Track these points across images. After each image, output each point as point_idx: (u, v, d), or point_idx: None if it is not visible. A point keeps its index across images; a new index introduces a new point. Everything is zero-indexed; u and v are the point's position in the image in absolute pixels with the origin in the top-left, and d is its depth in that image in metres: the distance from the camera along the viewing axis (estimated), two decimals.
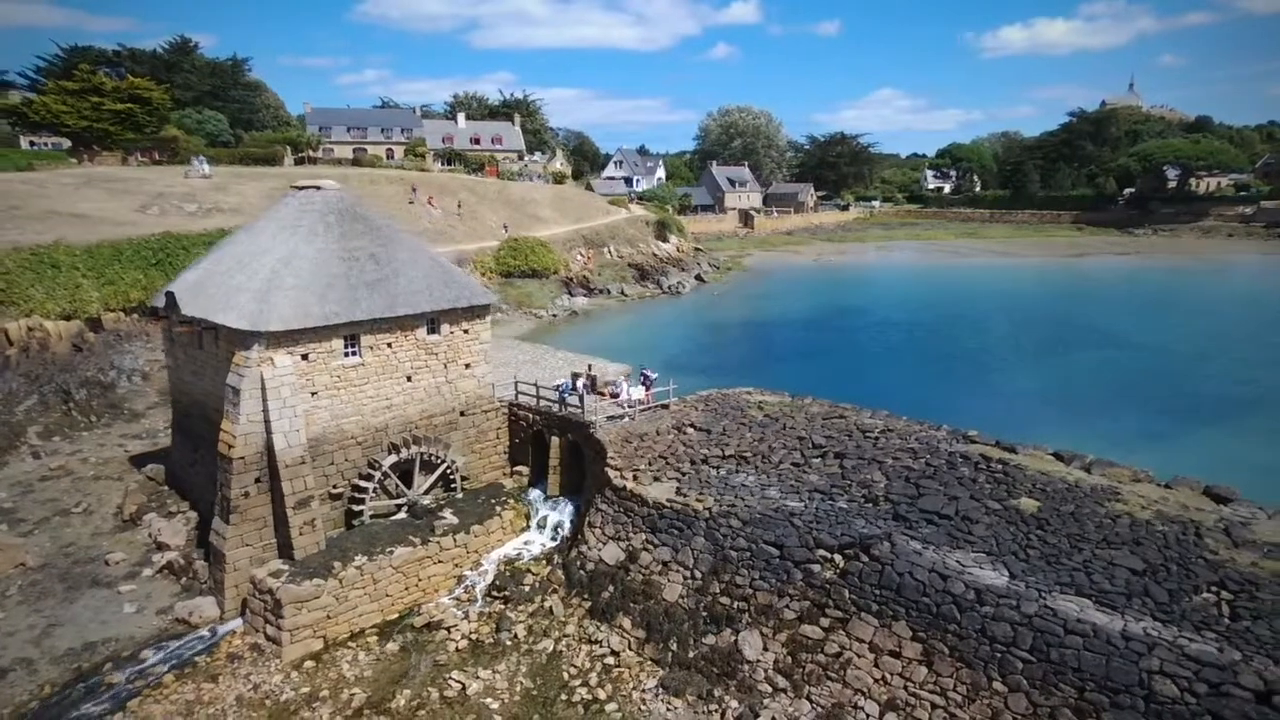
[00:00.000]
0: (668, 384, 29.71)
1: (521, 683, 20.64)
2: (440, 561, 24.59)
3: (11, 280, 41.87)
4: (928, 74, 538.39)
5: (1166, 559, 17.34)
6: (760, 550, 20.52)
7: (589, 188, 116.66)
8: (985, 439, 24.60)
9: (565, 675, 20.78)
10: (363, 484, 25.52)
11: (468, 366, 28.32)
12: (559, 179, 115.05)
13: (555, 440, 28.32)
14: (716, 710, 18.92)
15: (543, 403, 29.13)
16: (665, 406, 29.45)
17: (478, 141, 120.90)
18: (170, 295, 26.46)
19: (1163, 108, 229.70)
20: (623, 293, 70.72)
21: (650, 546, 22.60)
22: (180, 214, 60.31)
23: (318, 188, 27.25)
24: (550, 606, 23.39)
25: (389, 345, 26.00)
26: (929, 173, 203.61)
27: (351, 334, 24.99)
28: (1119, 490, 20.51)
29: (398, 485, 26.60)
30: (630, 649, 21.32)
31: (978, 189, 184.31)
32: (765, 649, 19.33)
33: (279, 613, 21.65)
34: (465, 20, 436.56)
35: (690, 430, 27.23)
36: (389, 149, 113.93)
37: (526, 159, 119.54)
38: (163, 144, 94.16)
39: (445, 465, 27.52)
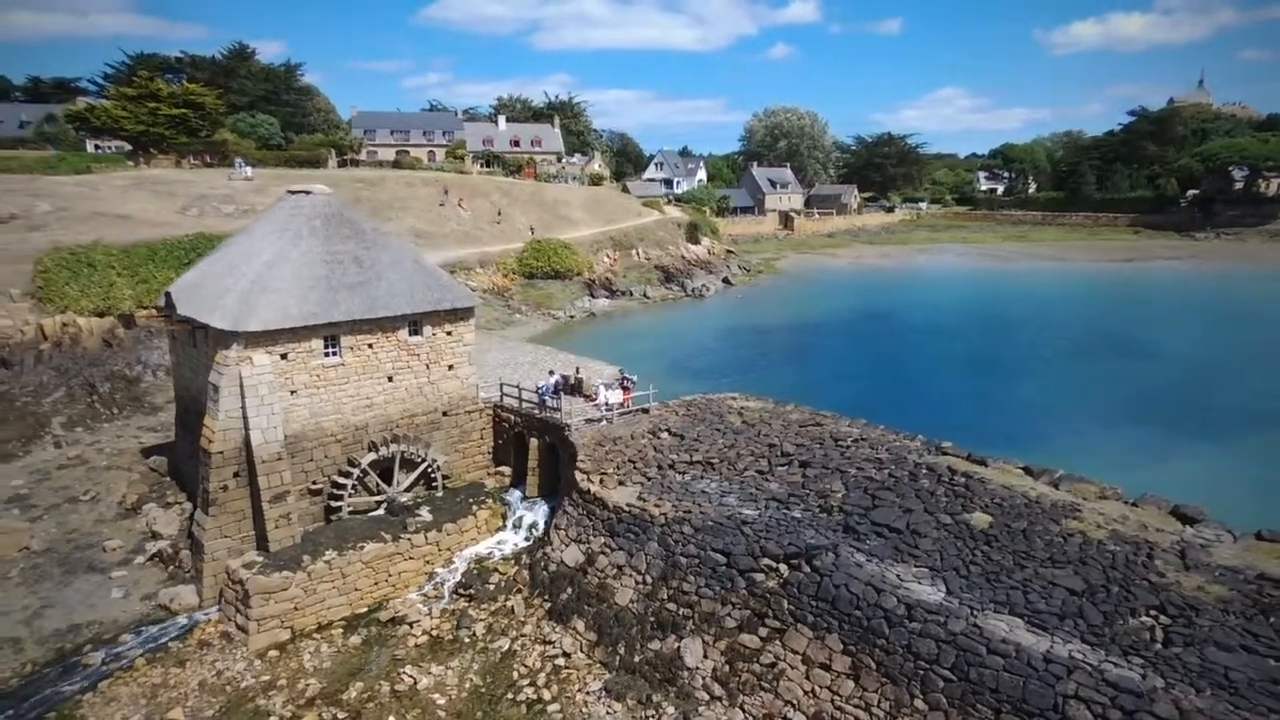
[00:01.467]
0: (648, 388, 29.78)
1: (472, 680, 21.03)
2: (411, 558, 25.17)
3: (49, 279, 44.20)
4: (992, 72, 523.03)
5: (1109, 580, 16.79)
6: (708, 558, 20.52)
7: (625, 190, 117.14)
8: (957, 451, 24.08)
9: (515, 674, 21.10)
10: (341, 480, 26.29)
11: (451, 368, 28.90)
12: (596, 181, 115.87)
13: (534, 442, 28.70)
14: (654, 716, 18.99)
15: (525, 405, 29.54)
16: (645, 411, 29.55)
17: (517, 144, 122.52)
18: (168, 295, 27.69)
19: (1234, 105, 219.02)
20: (645, 295, 70.90)
21: (608, 550, 22.79)
22: (218, 215, 62.57)
23: (308, 192, 28.14)
24: (512, 606, 23.76)
25: (369, 346, 26.73)
26: (981, 174, 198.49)
27: (331, 334, 25.77)
28: (1080, 507, 19.89)
29: (377, 483, 27.31)
30: (581, 651, 21.53)
31: (1032, 190, 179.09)
32: (705, 656, 19.33)
33: (247, 603, 22.50)
34: (527, 22, 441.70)
35: (665, 435, 27.29)
36: (431, 151, 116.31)
37: (564, 161, 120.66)
38: (214, 147, 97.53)
39: (426, 464, 28.14)
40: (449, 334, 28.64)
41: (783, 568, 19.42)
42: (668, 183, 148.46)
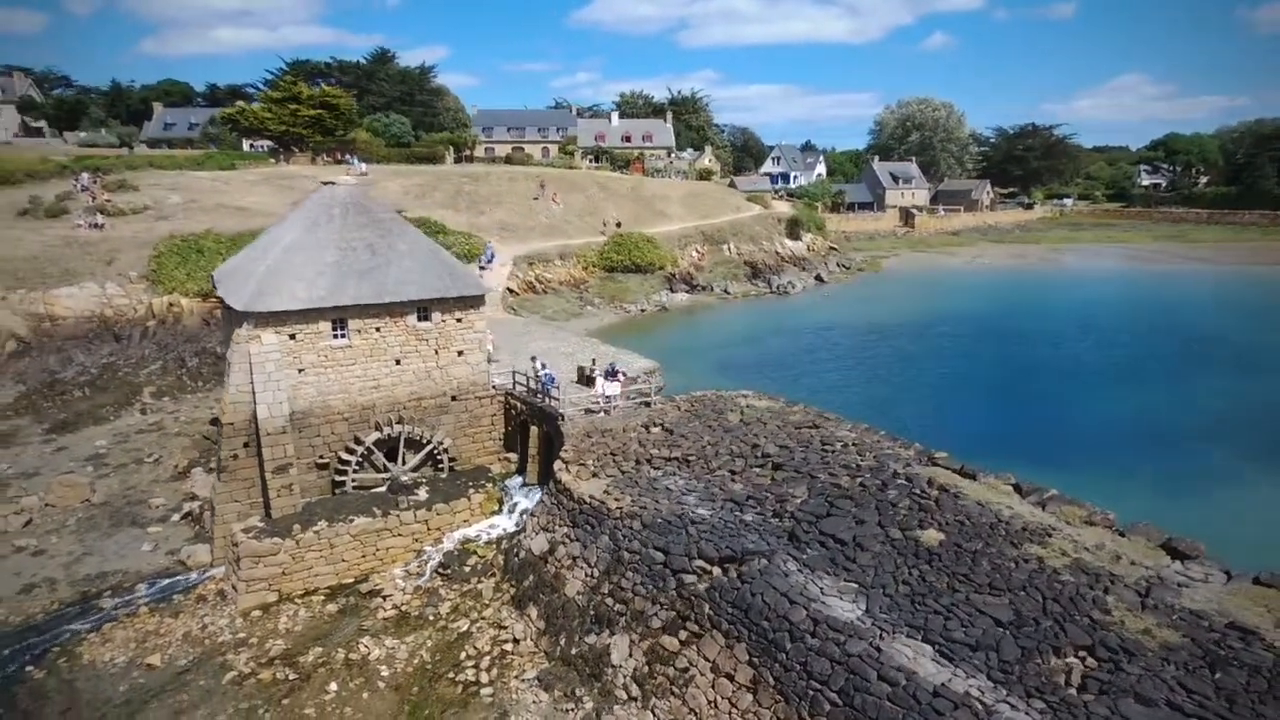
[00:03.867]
0: (652, 381, 29.38)
1: (422, 656, 21.60)
2: (399, 534, 26.13)
3: (161, 263, 49.19)
4: (1182, 55, 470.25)
5: (1046, 613, 14.96)
6: (648, 555, 20.03)
7: (732, 185, 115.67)
8: (950, 463, 22.17)
9: (463, 655, 21.47)
10: (346, 457, 27.67)
11: (460, 354, 29.70)
12: (704, 175, 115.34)
13: (534, 430, 29.03)
14: (573, 710, 18.80)
15: (526, 392, 29.89)
16: (647, 404, 29.18)
17: (629, 139, 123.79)
18: (212, 278, 30.14)
19: None
20: (726, 291, 69.77)
21: (567, 540, 22.73)
22: None
23: (334, 183, 29.75)
24: (481, 589, 24.20)
25: (377, 330, 27.93)
26: (1142, 168, 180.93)
27: (339, 318, 27.14)
28: (1054, 532, 17.82)
29: (383, 461, 28.53)
30: (530, 639, 21.63)
31: (1201, 184, 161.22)
32: (630, 655, 18.90)
33: (239, 564, 24.18)
34: (674, 20, 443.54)
35: (656, 429, 26.85)
36: (545, 148, 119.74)
37: (673, 155, 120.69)
38: (346, 146, 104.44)
39: (431, 446, 29.09)
40: (459, 321, 29.43)
41: (716, 570, 18.66)
42: (784, 177, 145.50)
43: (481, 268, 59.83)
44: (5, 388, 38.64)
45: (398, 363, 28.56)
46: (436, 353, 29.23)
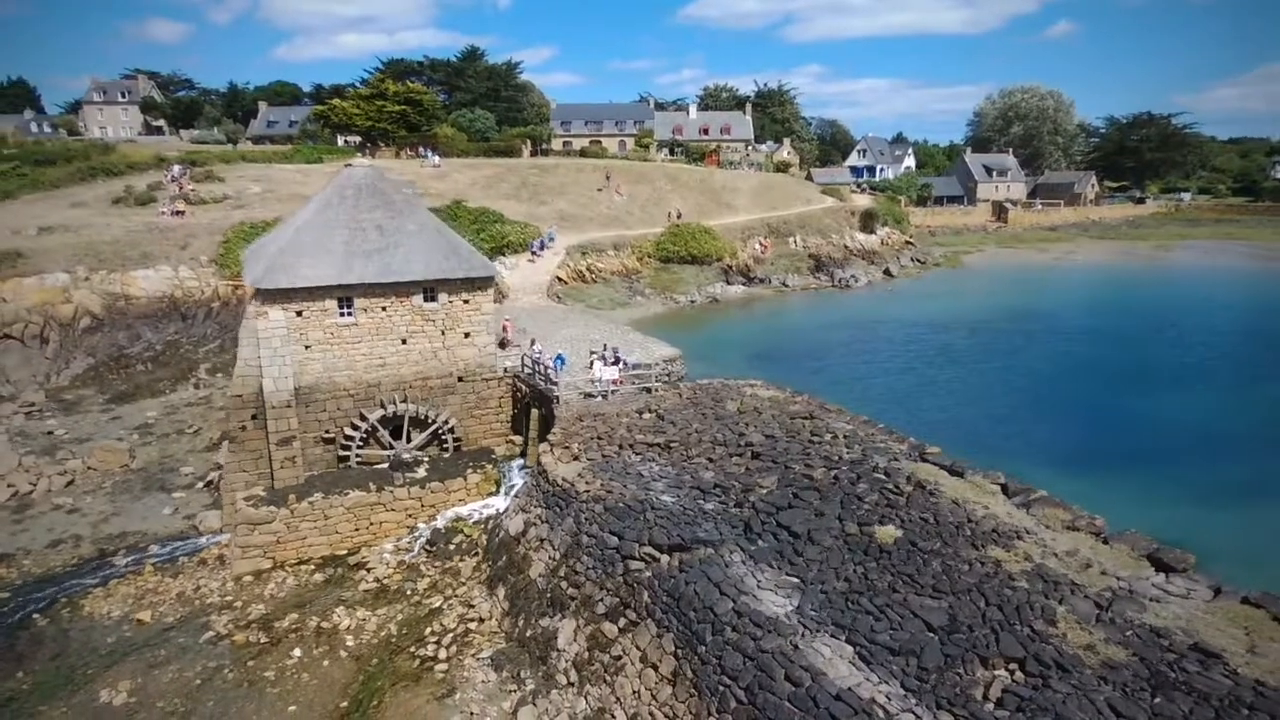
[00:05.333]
0: (654, 368, 28.75)
1: (389, 629, 21.80)
2: (392, 509, 26.53)
3: (230, 248, 51.82)
4: None
5: (985, 620, 13.59)
6: (604, 539, 19.52)
7: (809, 177, 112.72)
8: (940, 458, 20.58)
9: (428, 631, 21.53)
10: (350, 433, 28.32)
11: (467, 335, 29.88)
12: (781, 168, 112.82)
13: (535, 412, 28.93)
14: (515, 691, 18.53)
15: (537, 377, 29.81)
16: (648, 390, 28.57)
17: (706, 131, 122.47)
18: (245, 258, 31.44)
19: None
20: (784, 284, 67.83)
21: (538, 522, 22.48)
22: None
23: (350, 166, 30.46)
24: (461, 567, 24.27)
25: (383, 309, 28.42)
26: (1277, 160, 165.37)
27: (345, 296, 27.76)
28: (1025, 535, 16.22)
29: (388, 439, 29.04)
30: (495, 618, 21.52)
31: None
32: (574, 640, 18.46)
33: (236, 530, 25.11)
34: (780, 15, 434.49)
35: (648, 415, 26.22)
36: (621, 140, 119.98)
37: (749, 148, 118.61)
38: (427, 140, 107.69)
39: (436, 425, 29.42)
40: (465, 302, 29.61)
41: (664, 558, 17.98)
42: (869, 170, 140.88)
43: (534, 252, 60.47)
44: (77, 360, 41.66)
45: (404, 342, 28.99)
46: (443, 333, 29.50)
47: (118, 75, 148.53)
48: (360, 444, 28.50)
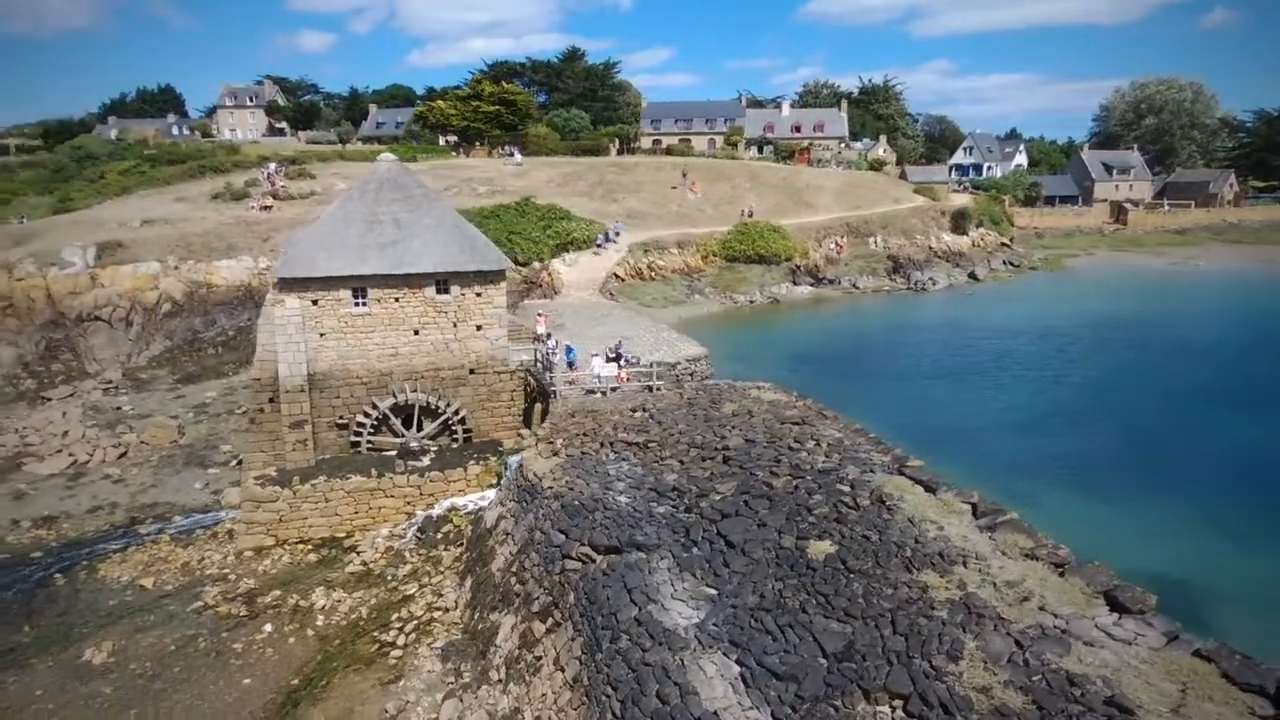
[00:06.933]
0: (652, 366, 28.13)
1: (360, 613, 22.28)
2: (391, 496, 27.12)
3: None
4: None
5: (884, 650, 12.37)
6: (551, 537, 19.17)
7: (903, 176, 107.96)
8: (918, 472, 18.96)
9: (394, 617, 21.87)
10: (361, 420, 29.18)
11: (479, 328, 30.19)
12: (876, 166, 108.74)
13: (538, 406, 28.91)
14: (452, 684, 18.50)
15: (545, 372, 29.81)
16: (650, 389, 27.98)
17: (798, 129, 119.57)
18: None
19: None
20: (854, 285, 65.08)
21: (508, 515, 22.38)
22: (471, 194, 71.01)
23: (380, 161, 31.41)
24: (443, 556, 24.53)
25: (396, 300, 29.12)
26: None
27: (359, 286, 28.61)
28: (970, 561, 14.65)
29: (399, 427, 29.74)
30: (458, 609, 21.60)
31: None
32: (510, 637, 18.23)
33: (242, 507, 26.33)
34: (904, 10, 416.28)
35: (640, 414, 25.64)
36: (711, 139, 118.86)
37: (842, 146, 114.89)
38: (518, 139, 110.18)
39: (446, 416, 29.90)
40: (478, 295, 29.93)
41: (600, 560, 17.47)
42: (975, 168, 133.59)
43: (599, 245, 60.72)
44: (156, 342, 45.01)
45: (416, 333, 29.60)
46: (455, 325, 29.93)
47: (251, 81, 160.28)
48: (372, 431, 29.32)
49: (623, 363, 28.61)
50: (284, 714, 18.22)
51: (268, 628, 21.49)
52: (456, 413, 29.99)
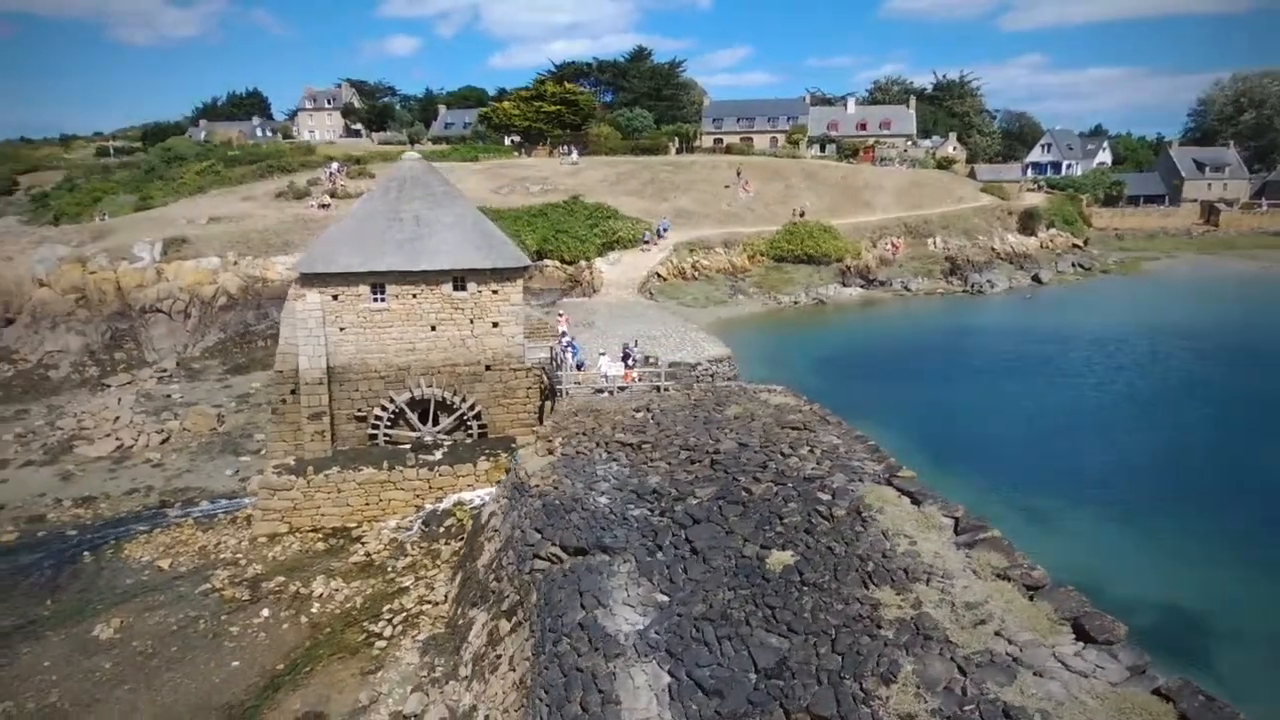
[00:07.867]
0: (661, 366, 27.77)
1: (354, 601, 22.70)
2: (400, 488, 27.59)
3: None
4: None
5: (817, 670, 11.79)
6: (528, 535, 19.09)
7: (972, 174, 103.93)
8: (906, 484, 18.00)
9: (386, 608, 22.21)
10: (379, 413, 29.78)
11: (496, 325, 30.41)
12: (944, 164, 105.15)
13: (548, 404, 28.92)
14: (424, 677, 18.64)
15: (557, 370, 29.80)
16: (658, 389, 27.61)
17: (864, 126, 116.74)
18: None
19: None
20: (905, 287, 62.91)
21: (499, 512, 22.44)
22: (524, 193, 71.89)
23: (404, 158, 32.01)
24: (442, 550, 24.78)
25: (414, 296, 29.59)
26: None
27: (378, 282, 29.19)
28: (934, 578, 13.83)
29: (416, 421, 30.22)
30: (446, 602, 21.78)
31: None
32: (479, 634, 18.23)
33: (258, 495, 27.22)
34: (995, 3, 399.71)
35: (643, 414, 25.32)
36: (773, 137, 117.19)
37: (909, 143, 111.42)
38: (579, 139, 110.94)
39: (461, 411, 30.24)
40: (495, 292, 30.15)
41: (567, 561, 17.29)
42: (1054, 166, 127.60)
43: (645, 242, 60.60)
44: (210, 334, 47.11)
45: (433, 329, 30.03)
46: (471, 322, 30.23)
47: (331, 85, 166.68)
48: (389, 424, 29.89)
49: (630, 362, 28.33)
50: (264, 697, 18.68)
51: (265, 612, 22.11)
52: (472, 408, 30.31)
